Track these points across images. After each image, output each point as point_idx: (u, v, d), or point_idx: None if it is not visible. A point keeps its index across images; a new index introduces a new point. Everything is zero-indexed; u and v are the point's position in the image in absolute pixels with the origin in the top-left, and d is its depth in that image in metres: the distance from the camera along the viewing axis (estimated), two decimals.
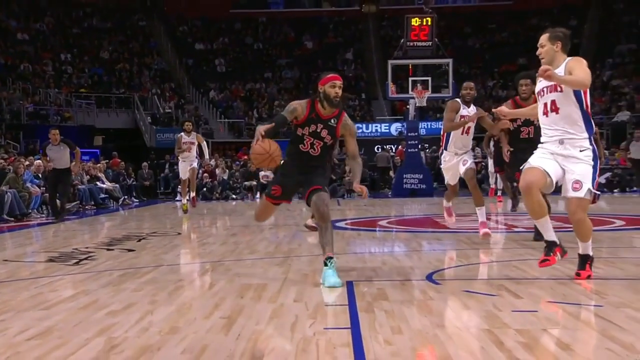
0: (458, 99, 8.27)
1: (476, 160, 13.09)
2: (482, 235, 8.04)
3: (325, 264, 5.53)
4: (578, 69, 5.07)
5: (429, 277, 6.25)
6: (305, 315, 4.66)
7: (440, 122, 19.26)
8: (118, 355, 3.73)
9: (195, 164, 15.56)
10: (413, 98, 25.77)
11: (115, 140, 32.85)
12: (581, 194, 5.03)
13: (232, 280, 6.52)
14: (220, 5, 40.94)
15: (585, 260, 5.51)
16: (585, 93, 5.07)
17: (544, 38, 5.26)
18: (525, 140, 7.76)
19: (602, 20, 40.33)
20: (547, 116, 5.27)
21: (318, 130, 5.87)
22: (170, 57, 38.59)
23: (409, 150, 25.54)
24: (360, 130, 34.84)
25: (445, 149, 8.39)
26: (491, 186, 19.59)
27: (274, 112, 35.11)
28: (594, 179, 5.14)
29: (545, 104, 5.30)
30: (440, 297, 5.24)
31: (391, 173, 28.71)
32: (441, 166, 8.82)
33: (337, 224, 13.47)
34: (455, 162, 8.32)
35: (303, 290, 5.58)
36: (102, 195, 21.74)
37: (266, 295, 5.44)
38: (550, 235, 5.27)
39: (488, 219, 8.70)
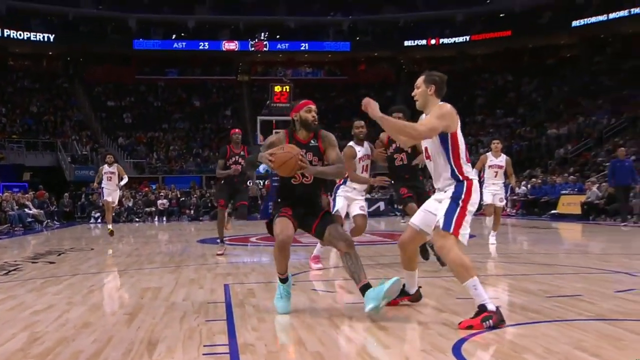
0: (352, 143, 8.02)
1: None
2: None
3: (363, 292, 4.98)
4: (428, 116, 4.81)
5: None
6: (191, 311, 5.51)
7: None
8: (40, 346, 4.31)
9: (116, 195, 16.24)
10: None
11: (41, 175, 35.05)
12: (437, 230, 4.70)
13: (134, 285, 7.59)
14: (128, 73, 46.23)
15: (479, 311, 4.60)
16: (453, 139, 4.72)
17: (420, 80, 4.96)
18: (400, 166, 7.79)
19: (408, 94, 47.90)
20: (429, 161, 5.01)
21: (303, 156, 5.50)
22: (87, 111, 42.99)
23: (273, 184, 28.00)
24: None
25: (344, 183, 8.15)
26: None
27: (169, 154, 40.07)
28: (452, 215, 4.69)
29: (426, 149, 5.02)
30: (295, 294, 5.82)
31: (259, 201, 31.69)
32: (337, 195, 8.26)
33: (218, 240, 15.32)
34: (352, 198, 8.13)
35: (190, 292, 6.61)
36: (30, 219, 23.74)
37: (161, 296, 6.42)
38: (410, 283, 5.14)
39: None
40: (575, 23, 42.31)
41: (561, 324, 4.65)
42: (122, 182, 15.98)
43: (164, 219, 30.57)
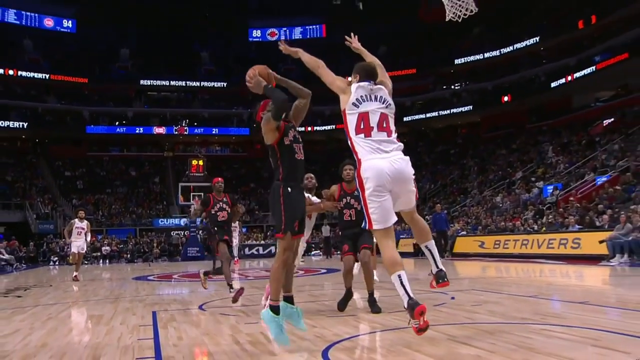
0: (307, 194, 7.57)
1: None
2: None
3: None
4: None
5: (200, 307, 8.49)
6: (127, 332, 6.21)
7: None
8: None
9: (84, 246, 16.63)
10: (193, 204, 32.45)
11: (13, 228, 38.09)
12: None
13: (83, 313, 8.64)
14: (81, 150, 51.38)
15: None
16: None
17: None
18: (347, 221, 7.89)
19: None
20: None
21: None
22: (49, 179, 47.32)
23: (191, 234, 34.41)
24: (163, 222, 44.11)
25: None
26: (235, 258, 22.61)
27: (111, 212, 44.28)
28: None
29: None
30: (207, 317, 7.18)
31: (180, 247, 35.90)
32: None
33: (148, 278, 17.03)
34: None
35: (125, 318, 7.46)
36: (3, 263, 25.63)
37: (103, 321, 7.26)
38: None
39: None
40: (406, 118, 49.18)
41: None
42: (88, 238, 16.64)
43: (107, 261, 33.82)
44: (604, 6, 38.09)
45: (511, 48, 45.82)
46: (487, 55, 47.55)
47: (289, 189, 5.55)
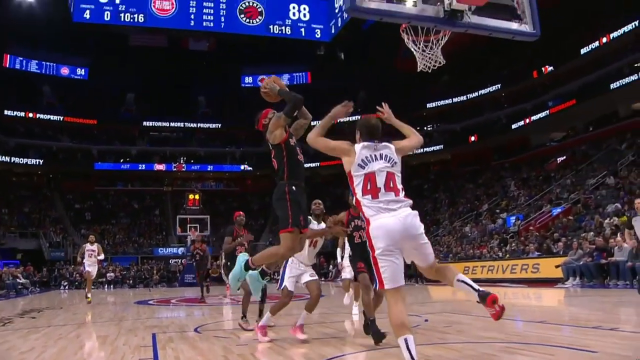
0: (309, 217, 6.92)
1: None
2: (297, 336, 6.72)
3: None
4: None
5: (196, 329, 8.40)
6: (129, 352, 6.18)
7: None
8: None
9: (94, 272, 16.22)
10: (189, 235, 34.13)
11: (29, 255, 38.14)
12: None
13: (90, 333, 8.62)
14: (90, 185, 50.79)
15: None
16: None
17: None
18: (358, 244, 7.19)
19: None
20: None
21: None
22: (61, 211, 47.43)
23: (188, 262, 31.95)
24: (162, 251, 44.03)
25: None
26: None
27: (115, 241, 43.98)
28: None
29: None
30: (202, 339, 7.05)
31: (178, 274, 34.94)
32: (285, 273, 7.05)
33: (149, 302, 16.87)
34: (301, 273, 7.06)
35: (128, 339, 7.41)
36: (19, 286, 25.70)
37: (108, 341, 7.26)
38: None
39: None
40: None
41: None
42: (101, 257, 16.21)
43: (111, 286, 33.34)
44: (554, 59, 39.14)
45: (476, 94, 46.58)
46: (455, 100, 48.22)
47: (293, 187, 5.52)
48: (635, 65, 32.98)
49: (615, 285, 16.17)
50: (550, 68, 39.79)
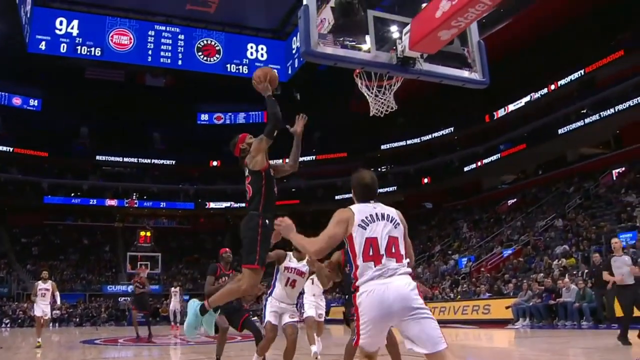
0: (290, 252, 6.76)
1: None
2: None
3: None
4: None
5: None
6: None
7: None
8: None
9: (48, 310, 14.45)
10: (139, 272, 28.03)
11: None
12: None
13: None
14: (38, 219, 49.78)
15: None
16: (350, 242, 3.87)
17: None
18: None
19: (234, 239, 43.08)
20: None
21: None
22: (7, 245, 46.54)
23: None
24: (111, 289, 43.53)
25: (271, 294, 6.84)
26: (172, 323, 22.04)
27: (63, 277, 42.73)
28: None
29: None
30: None
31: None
32: (267, 308, 6.72)
33: (95, 341, 16.43)
34: (282, 312, 6.70)
35: None
36: None
37: None
38: None
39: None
40: (337, 197, 47.85)
41: None
42: (57, 299, 14.69)
43: (57, 325, 32.75)
44: (505, 104, 40.15)
45: (430, 136, 47.10)
46: (409, 142, 48.70)
47: (267, 221, 5.17)
48: (582, 112, 34.14)
49: (564, 326, 16.49)
50: (502, 113, 40.59)
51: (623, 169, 30.71)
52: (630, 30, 32.75)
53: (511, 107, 39.93)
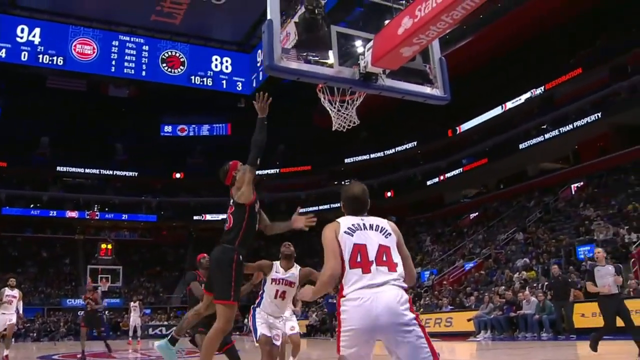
0: (276, 262, 6.39)
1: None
2: None
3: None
4: None
5: None
6: None
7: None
8: None
9: (14, 319, 13.89)
10: (100, 286, 32.57)
11: None
12: None
13: None
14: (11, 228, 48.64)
15: None
16: None
17: None
18: None
19: (196, 252, 49.23)
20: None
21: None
22: None
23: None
24: (70, 302, 42.78)
25: (258, 305, 6.41)
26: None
27: (20, 291, 47.64)
28: None
29: None
30: None
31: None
32: (256, 322, 6.24)
33: (53, 357, 16.63)
34: (270, 322, 6.25)
35: None
36: None
37: None
38: None
39: None
40: (301, 210, 51.48)
41: None
42: (20, 309, 14.24)
43: (13, 339, 34.14)
44: (467, 119, 40.87)
45: (393, 150, 47.52)
46: (372, 156, 49.00)
47: (241, 257, 5.10)
48: (542, 127, 34.87)
49: (524, 338, 16.73)
50: (464, 128, 41.22)
51: (581, 183, 31.44)
52: (588, 48, 33.56)
53: (473, 122, 40.61)
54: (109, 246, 45.78)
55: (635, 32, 30.43)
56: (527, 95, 36.21)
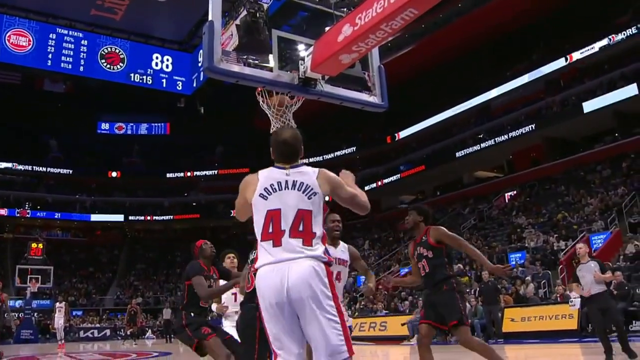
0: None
1: None
2: None
3: None
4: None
5: None
6: None
7: None
8: None
9: None
10: (30, 287, 33.04)
11: None
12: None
13: None
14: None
15: None
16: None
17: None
18: (423, 277, 6.31)
19: (131, 253, 50.15)
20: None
21: None
22: None
23: (25, 316, 32.36)
24: (12, 304, 37.92)
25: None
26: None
27: None
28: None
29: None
30: None
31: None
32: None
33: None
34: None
35: None
36: None
37: None
38: None
39: None
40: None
41: None
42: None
43: None
44: (406, 126, 41.79)
45: (332, 155, 47.62)
46: (312, 160, 48.29)
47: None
48: (478, 137, 35.76)
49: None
50: (403, 135, 41.91)
51: (514, 192, 32.40)
52: (524, 61, 34.62)
53: (412, 129, 41.38)
54: (40, 245, 43.15)
55: (569, 48, 31.49)
56: (465, 104, 37.04)
